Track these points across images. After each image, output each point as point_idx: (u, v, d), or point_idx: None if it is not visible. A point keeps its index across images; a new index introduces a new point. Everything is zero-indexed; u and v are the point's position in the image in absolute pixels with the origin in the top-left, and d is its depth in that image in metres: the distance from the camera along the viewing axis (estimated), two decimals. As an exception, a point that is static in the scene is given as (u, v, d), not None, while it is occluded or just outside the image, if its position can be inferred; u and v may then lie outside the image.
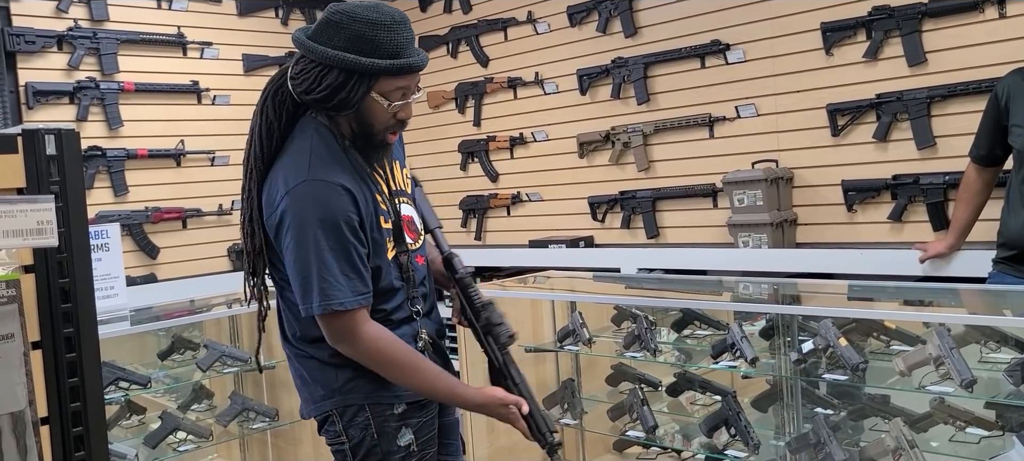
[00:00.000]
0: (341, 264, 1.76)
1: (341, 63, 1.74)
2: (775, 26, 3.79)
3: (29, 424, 1.08)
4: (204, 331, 3.62)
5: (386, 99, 1.80)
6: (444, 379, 1.89)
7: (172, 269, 4.57)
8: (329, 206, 1.76)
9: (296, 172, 1.79)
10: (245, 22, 4.95)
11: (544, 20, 4.66)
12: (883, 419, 2.62)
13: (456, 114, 5.14)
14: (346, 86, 1.76)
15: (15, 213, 0.99)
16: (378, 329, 1.83)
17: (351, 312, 1.79)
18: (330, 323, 1.80)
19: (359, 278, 1.79)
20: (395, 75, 1.78)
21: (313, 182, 1.77)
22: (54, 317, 1.14)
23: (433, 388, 1.88)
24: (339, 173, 1.80)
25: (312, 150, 1.81)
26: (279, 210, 1.79)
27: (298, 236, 1.76)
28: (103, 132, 4.36)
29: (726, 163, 3.95)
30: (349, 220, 1.78)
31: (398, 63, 1.76)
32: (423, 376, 1.86)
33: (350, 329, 1.80)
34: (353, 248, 1.78)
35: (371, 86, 1.78)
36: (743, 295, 3.25)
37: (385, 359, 1.84)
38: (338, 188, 1.77)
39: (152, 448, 3.19)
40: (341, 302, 1.76)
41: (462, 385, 1.97)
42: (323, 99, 1.79)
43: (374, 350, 1.83)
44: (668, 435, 3.12)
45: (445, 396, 1.91)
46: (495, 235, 5.02)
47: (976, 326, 2.46)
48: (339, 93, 1.77)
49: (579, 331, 3.14)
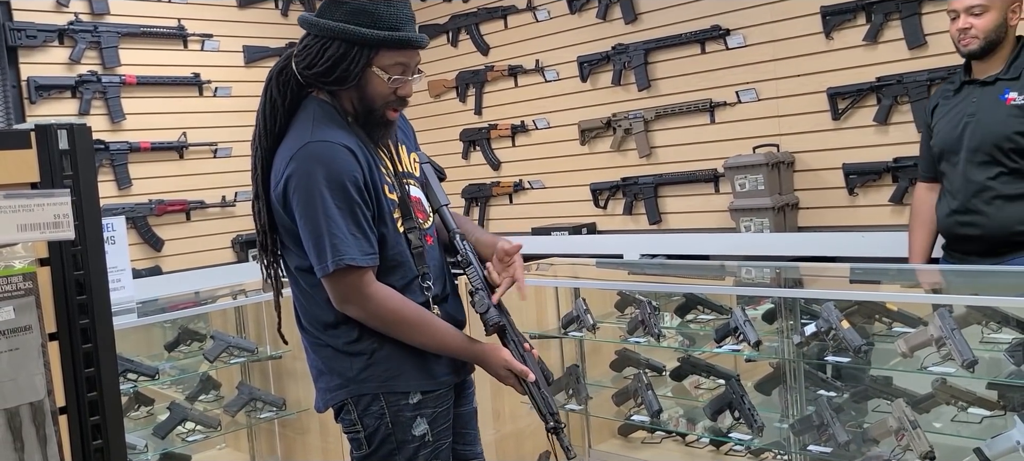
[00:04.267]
0: (347, 223, 1.78)
1: (342, 34, 1.79)
2: (775, 10, 3.79)
3: (48, 414, 1.10)
4: (210, 322, 3.64)
5: (386, 73, 1.83)
6: (453, 334, 1.91)
7: (177, 261, 4.59)
8: (333, 165, 1.78)
9: (299, 138, 1.83)
10: (245, 14, 4.96)
11: (544, 7, 4.66)
12: (886, 400, 2.64)
13: (457, 103, 5.15)
14: (347, 57, 1.81)
15: (32, 207, 1.01)
16: (386, 289, 1.85)
17: (360, 270, 1.80)
18: (338, 281, 1.81)
19: (365, 238, 1.81)
20: (394, 48, 1.81)
21: (316, 143, 1.80)
22: (70, 309, 1.16)
23: (444, 343, 1.90)
24: (342, 136, 1.83)
25: (314, 118, 1.85)
26: (284, 175, 1.82)
27: (305, 198, 1.79)
28: (105, 125, 4.37)
29: (727, 148, 3.96)
30: (354, 180, 1.80)
31: (396, 36, 1.80)
32: (433, 332, 1.88)
33: (358, 287, 1.81)
34: (358, 208, 1.80)
35: (371, 58, 1.82)
36: (746, 279, 3.27)
37: (394, 317, 1.85)
38: (341, 148, 1.80)
39: (161, 438, 3.22)
40: (350, 258, 1.78)
41: (473, 341, 1.95)
42: (325, 72, 1.83)
43: (383, 308, 1.84)
44: (673, 419, 3.15)
45: (456, 350, 1.92)
46: (498, 223, 5.04)
47: (977, 307, 2.48)
48: (340, 65, 1.82)
49: (583, 317, 3.16)
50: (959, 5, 2.68)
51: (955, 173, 2.75)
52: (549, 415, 1.91)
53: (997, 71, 2.69)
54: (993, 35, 2.66)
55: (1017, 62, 2.67)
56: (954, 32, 2.72)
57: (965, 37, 2.68)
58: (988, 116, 2.67)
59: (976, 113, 2.70)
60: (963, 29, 2.68)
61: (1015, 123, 2.61)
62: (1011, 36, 2.69)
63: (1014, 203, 2.63)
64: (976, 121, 2.69)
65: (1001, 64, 2.69)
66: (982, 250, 2.70)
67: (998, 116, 2.65)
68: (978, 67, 2.74)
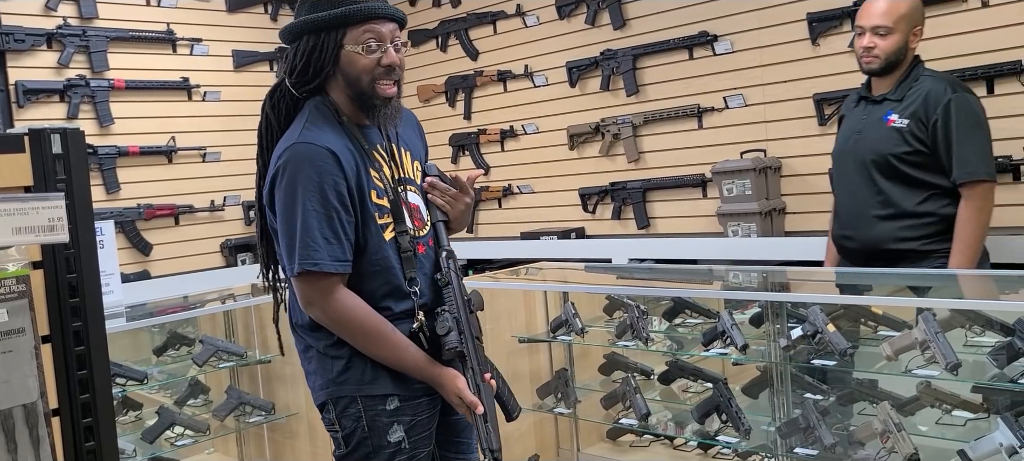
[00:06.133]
0: (322, 227, 1.80)
1: (307, 25, 1.85)
2: (762, 17, 3.82)
3: (41, 415, 1.10)
4: (199, 326, 3.64)
5: (360, 46, 1.84)
6: (412, 352, 1.89)
7: (165, 265, 4.58)
8: (315, 169, 1.80)
9: (287, 139, 1.86)
10: (234, 18, 4.96)
11: (533, 13, 4.68)
12: (871, 403, 2.66)
13: (446, 107, 5.16)
14: (317, 46, 1.85)
15: (27, 211, 1.02)
16: (351, 298, 1.85)
17: (327, 276, 1.81)
18: (304, 284, 1.83)
19: (338, 244, 1.81)
20: (359, 22, 1.84)
21: (301, 144, 1.82)
22: (63, 311, 1.17)
23: (401, 359, 1.88)
24: (329, 138, 1.84)
25: (306, 120, 1.87)
26: (270, 175, 1.85)
27: (283, 198, 1.82)
28: (94, 129, 4.36)
29: (715, 153, 3.98)
30: (335, 185, 1.81)
31: (356, 8, 1.83)
32: (391, 347, 1.87)
33: (323, 292, 1.83)
34: (335, 213, 1.81)
35: (340, 40, 1.85)
36: (733, 283, 3.29)
37: (355, 327, 1.86)
38: (324, 151, 1.81)
39: (150, 443, 3.21)
40: (316, 263, 1.79)
41: (429, 361, 1.90)
42: (303, 69, 1.87)
43: (345, 317, 1.85)
44: (661, 422, 3.16)
45: (413, 368, 1.90)
46: (487, 227, 5.05)
47: (961, 310, 2.51)
48: (313, 55, 1.85)
49: (572, 321, 3.17)
50: (866, 23, 2.77)
51: (842, 188, 2.92)
52: (488, 451, 1.86)
53: (887, 91, 2.80)
54: (893, 57, 2.75)
55: (904, 84, 2.77)
56: (859, 49, 2.82)
57: (867, 55, 2.78)
58: (871, 133, 2.80)
59: (862, 130, 2.83)
60: (867, 48, 2.77)
61: (891, 144, 2.73)
62: (909, 58, 2.79)
63: (886, 222, 2.77)
64: (862, 137, 2.83)
65: (892, 84, 2.79)
66: (863, 263, 2.86)
67: (879, 135, 2.77)
68: (876, 84, 2.86)
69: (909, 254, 2.76)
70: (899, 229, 2.75)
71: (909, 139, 2.71)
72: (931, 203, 2.73)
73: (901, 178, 2.74)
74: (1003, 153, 3.18)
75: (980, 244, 2.71)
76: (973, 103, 2.73)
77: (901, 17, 2.72)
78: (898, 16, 2.72)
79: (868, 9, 2.78)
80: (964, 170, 2.67)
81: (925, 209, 2.73)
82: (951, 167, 2.68)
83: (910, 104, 2.73)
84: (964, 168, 2.67)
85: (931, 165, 2.71)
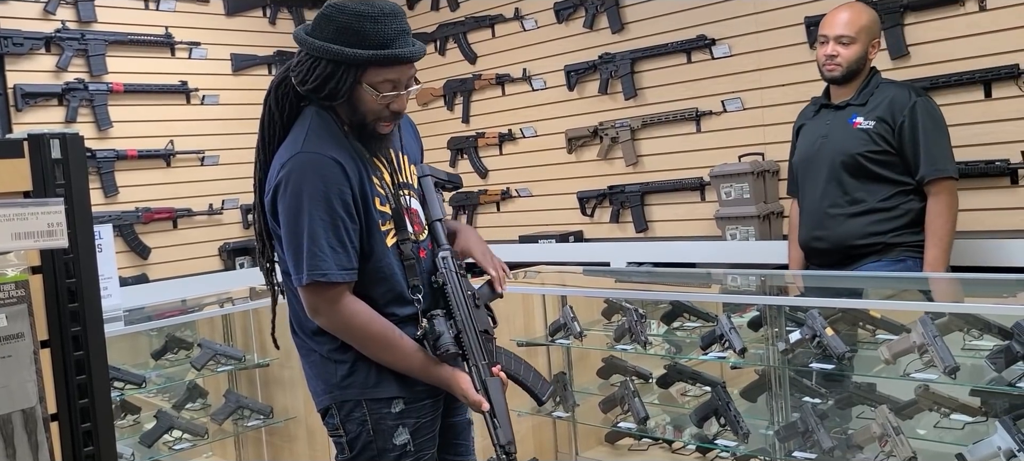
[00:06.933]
0: (328, 236, 1.80)
1: (327, 54, 1.80)
2: (760, 21, 3.83)
3: (40, 420, 1.10)
4: (197, 330, 3.64)
5: (376, 90, 1.83)
6: (417, 356, 1.89)
7: (163, 269, 4.57)
8: (320, 178, 1.80)
9: (291, 148, 1.85)
10: (233, 22, 4.96)
11: (531, 17, 4.68)
12: (870, 407, 2.66)
13: (445, 111, 5.17)
14: (334, 76, 1.81)
15: (26, 216, 1.02)
16: (357, 305, 1.86)
17: (334, 285, 1.82)
18: (310, 293, 1.83)
19: (345, 253, 1.82)
20: (382, 66, 1.81)
21: (306, 154, 1.81)
22: (62, 316, 1.17)
23: (407, 364, 1.89)
24: (333, 148, 1.84)
25: (309, 128, 1.86)
26: (273, 184, 1.84)
27: (289, 207, 1.81)
28: (92, 133, 4.36)
29: (713, 157, 3.99)
30: (341, 193, 1.81)
31: (382, 54, 1.79)
32: (396, 351, 1.88)
33: (329, 301, 1.83)
34: (341, 222, 1.81)
35: (359, 76, 1.82)
36: (731, 287, 3.30)
37: (360, 333, 1.86)
38: (329, 160, 1.81)
39: (148, 447, 3.21)
40: (324, 274, 1.79)
41: (435, 363, 1.90)
42: (315, 89, 1.84)
43: (350, 323, 1.85)
44: (659, 426, 3.16)
45: (418, 372, 1.91)
46: (485, 231, 5.05)
47: (959, 314, 2.51)
48: (329, 83, 1.82)
49: (570, 324, 3.17)
50: (830, 32, 2.92)
51: (809, 191, 3.01)
52: (498, 446, 1.87)
53: (848, 97, 2.93)
54: (854, 66, 2.90)
55: (866, 90, 2.93)
56: (821, 57, 2.96)
57: (830, 63, 2.93)
58: (838, 136, 2.92)
59: (828, 134, 2.95)
60: (830, 56, 2.92)
61: (859, 144, 2.85)
62: (867, 68, 2.93)
63: (855, 219, 2.87)
64: (828, 141, 2.94)
65: (853, 92, 2.93)
66: (833, 262, 2.96)
67: (846, 136, 2.89)
68: (835, 92, 3.00)
69: (877, 247, 2.87)
70: (868, 224, 2.87)
71: (876, 139, 2.84)
72: (897, 198, 2.86)
73: (869, 176, 2.86)
74: (1001, 157, 3.19)
75: (952, 238, 2.83)
76: (935, 107, 2.89)
77: (862, 28, 2.88)
78: (860, 27, 2.88)
79: (832, 19, 2.93)
80: (933, 167, 2.79)
81: (892, 204, 2.86)
82: (918, 165, 2.81)
83: (874, 108, 2.87)
84: (933, 165, 2.79)
85: (896, 165, 2.84)
